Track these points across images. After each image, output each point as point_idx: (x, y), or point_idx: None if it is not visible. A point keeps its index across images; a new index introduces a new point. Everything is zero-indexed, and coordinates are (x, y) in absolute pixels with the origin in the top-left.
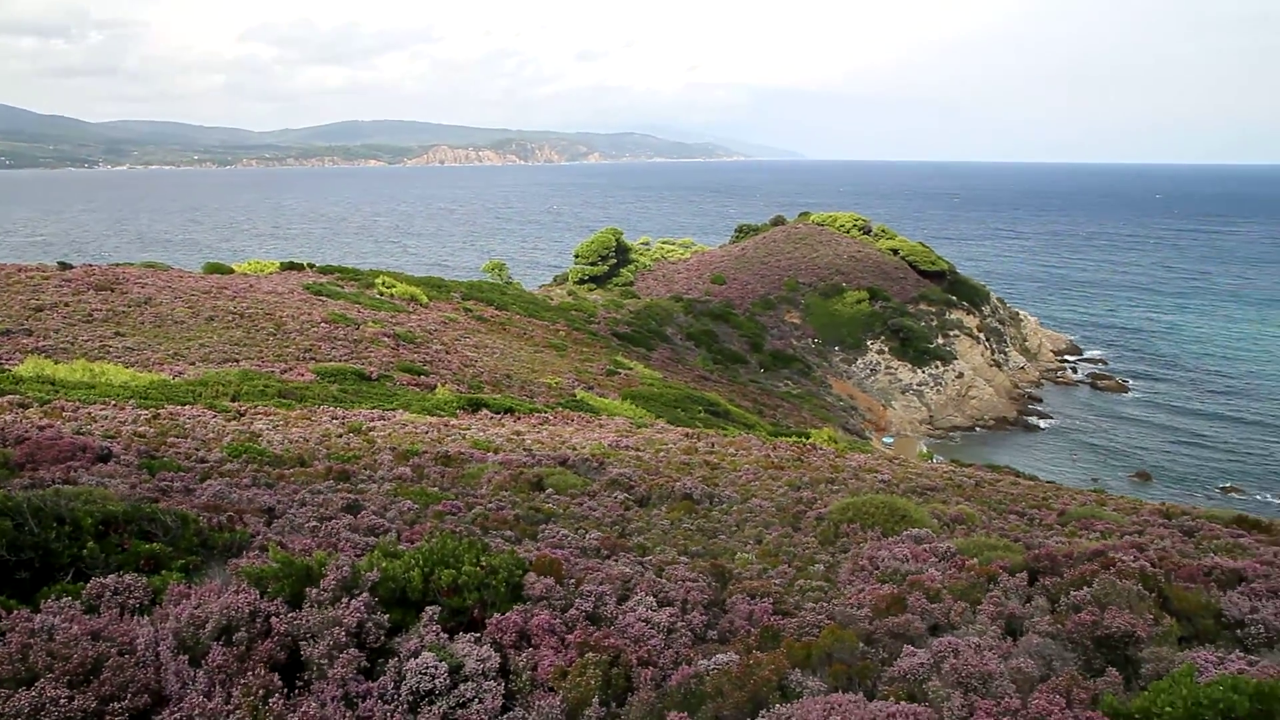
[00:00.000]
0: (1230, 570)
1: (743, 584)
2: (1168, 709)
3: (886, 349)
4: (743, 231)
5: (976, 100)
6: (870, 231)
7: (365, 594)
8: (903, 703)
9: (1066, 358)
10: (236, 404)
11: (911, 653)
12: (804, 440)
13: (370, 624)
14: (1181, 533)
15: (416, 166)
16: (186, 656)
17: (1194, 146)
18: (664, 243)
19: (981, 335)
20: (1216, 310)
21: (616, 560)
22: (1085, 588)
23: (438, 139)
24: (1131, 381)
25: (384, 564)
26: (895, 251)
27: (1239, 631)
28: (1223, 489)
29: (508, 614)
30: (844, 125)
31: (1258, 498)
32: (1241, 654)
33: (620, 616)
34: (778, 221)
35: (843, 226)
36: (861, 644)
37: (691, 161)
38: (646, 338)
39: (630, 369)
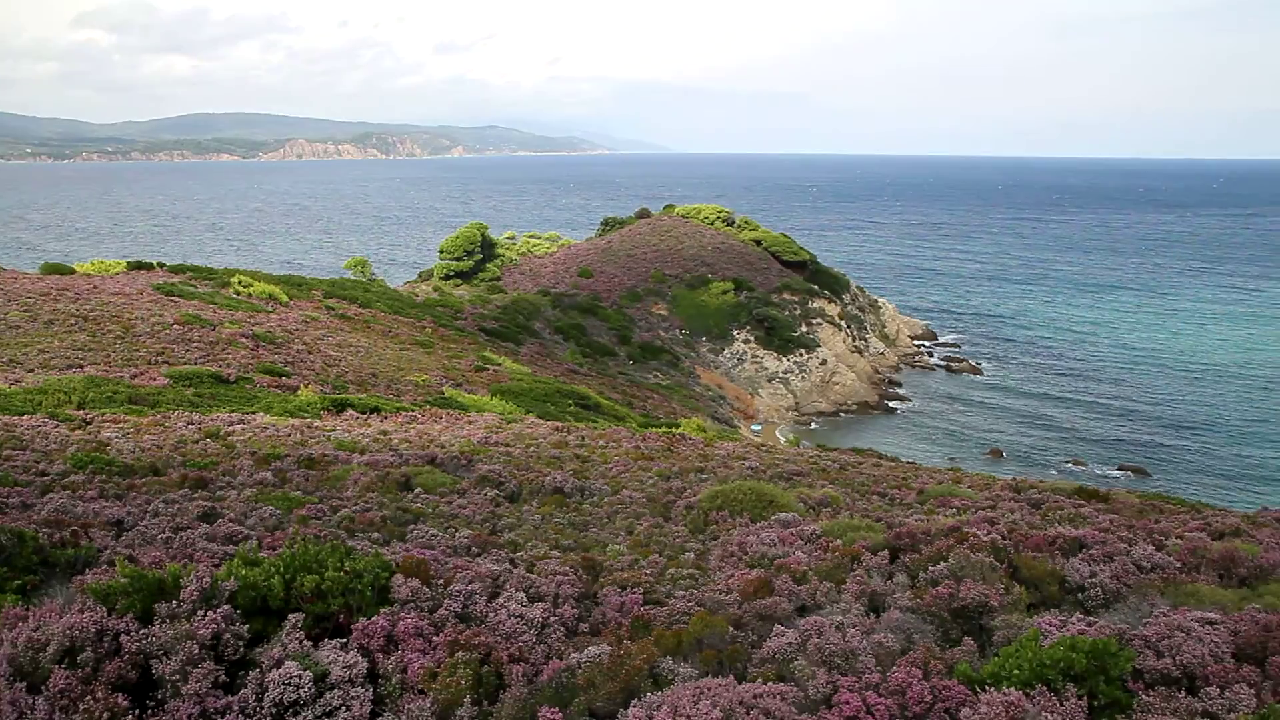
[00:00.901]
0: (1072, 539)
1: (614, 576)
2: (1015, 671)
3: (752, 338)
4: (608, 225)
5: (836, 97)
6: (734, 223)
7: (223, 605)
8: (771, 683)
9: (923, 343)
10: (82, 412)
11: (780, 634)
12: (673, 431)
13: (229, 635)
14: (1030, 505)
15: (272, 161)
16: (24, 684)
17: (1028, 140)
18: (530, 237)
19: (843, 323)
20: (1058, 296)
21: (487, 558)
22: (942, 563)
23: (295, 132)
24: (984, 364)
25: (243, 572)
26: (758, 243)
27: (1080, 595)
28: (1067, 462)
29: (374, 618)
30: (707, 119)
31: (1098, 471)
32: (1082, 615)
33: (491, 614)
34: (643, 214)
35: (707, 219)
36: (731, 628)
37: (556, 155)
38: (515, 332)
39: (499, 364)
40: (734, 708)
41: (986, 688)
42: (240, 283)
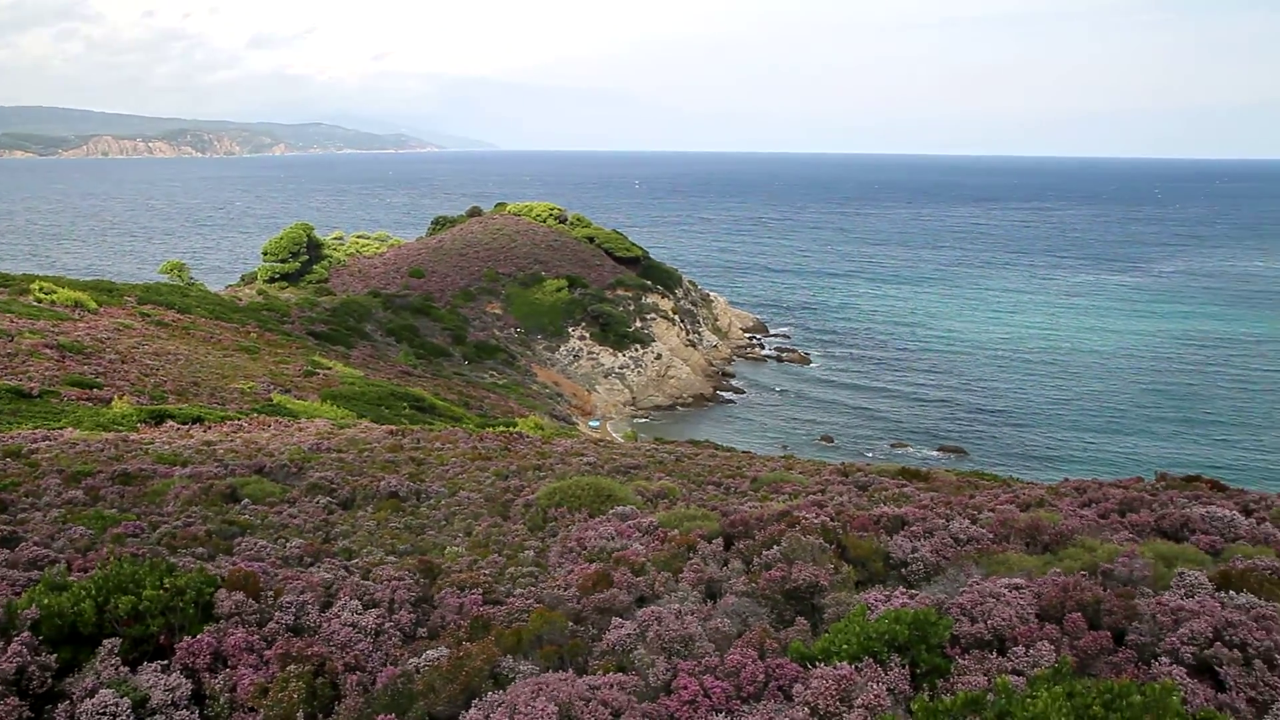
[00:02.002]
0: (895, 517)
1: (452, 577)
2: (844, 646)
3: (588, 335)
4: (440, 224)
5: (666, 95)
6: (566, 220)
7: (25, 634)
8: (611, 674)
9: (755, 335)
10: None
11: (619, 625)
12: (511, 429)
13: (34, 668)
14: (857, 488)
15: (75, 159)
16: None
17: (853, 137)
18: (359, 237)
19: (676, 317)
20: (879, 287)
21: (320, 567)
22: (775, 547)
23: (100, 128)
24: (813, 354)
25: (47, 599)
26: (591, 239)
27: (904, 570)
28: (892, 445)
29: (199, 636)
30: (537, 116)
31: (920, 453)
32: (905, 589)
33: (325, 624)
34: (474, 213)
35: (539, 216)
36: (571, 623)
37: (383, 153)
38: (345, 335)
39: (329, 369)
40: (573, 702)
41: (818, 663)
42: (41, 289)
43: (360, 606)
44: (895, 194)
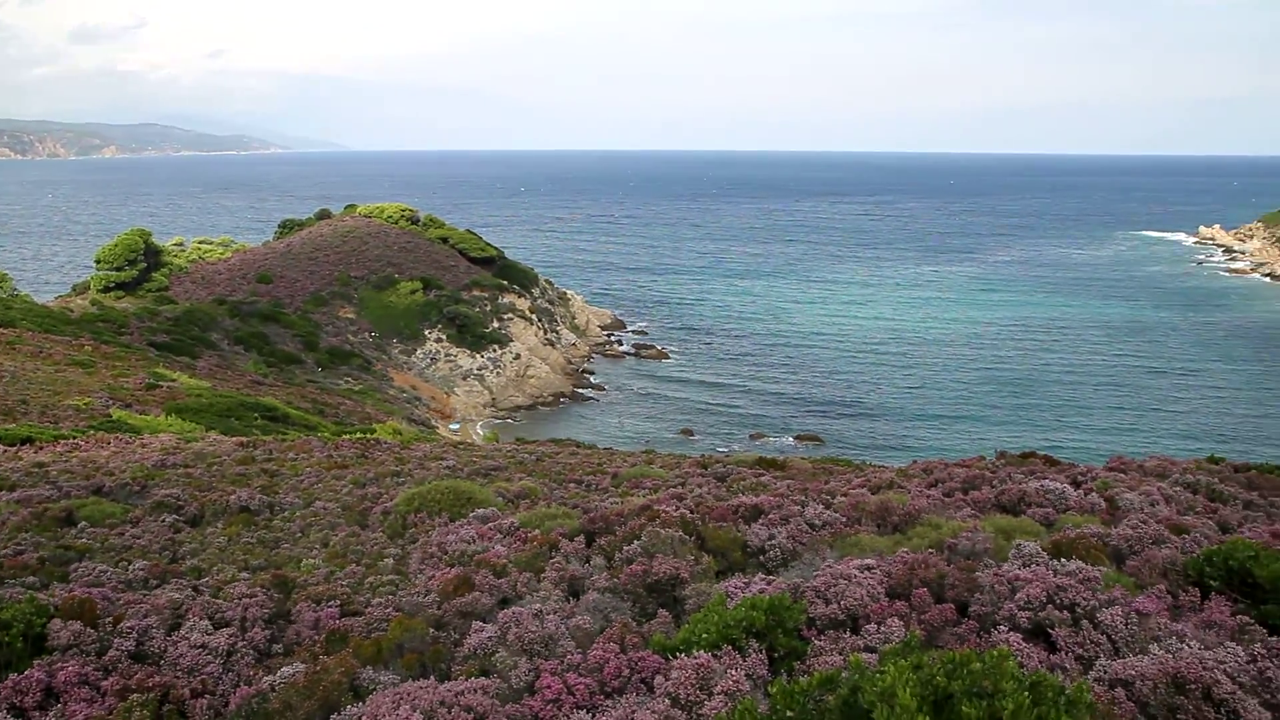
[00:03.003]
0: (752, 506)
1: (308, 591)
2: (704, 635)
3: (444, 337)
4: (287, 227)
5: (520, 92)
6: (419, 222)
7: None
8: (474, 679)
9: (613, 332)
10: None
11: (480, 629)
12: (368, 436)
13: None
14: (716, 479)
15: None
16: None
17: (705, 136)
18: (201, 242)
19: (534, 316)
20: (733, 282)
21: (167, 588)
22: (635, 541)
23: None
24: (671, 349)
25: None
26: (445, 240)
27: (762, 557)
28: (751, 436)
29: (27, 671)
30: (387, 115)
31: (778, 443)
32: (763, 576)
33: (171, 648)
34: (323, 215)
35: (391, 218)
36: (432, 629)
37: (224, 154)
38: (190, 345)
39: (173, 380)
40: (434, 709)
41: (679, 654)
42: None
43: (210, 627)
44: (745, 190)
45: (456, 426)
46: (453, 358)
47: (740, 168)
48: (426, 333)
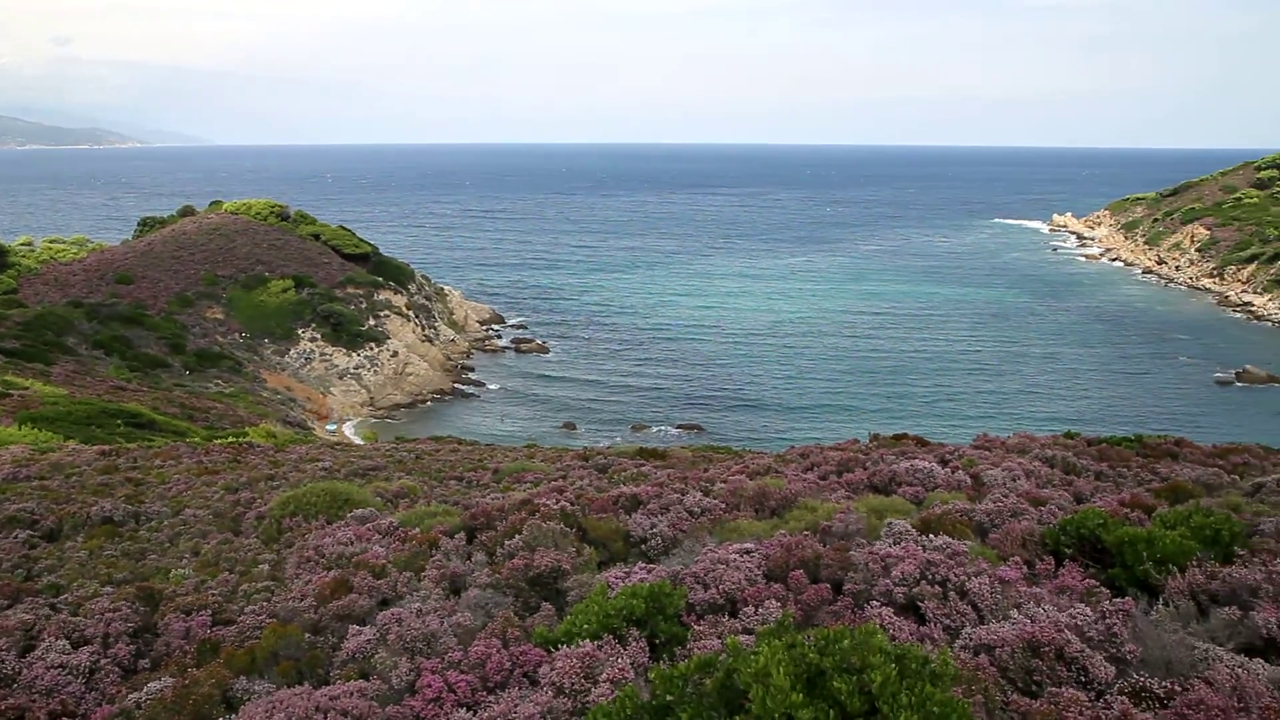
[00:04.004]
0: (633, 496)
1: (176, 602)
2: (586, 626)
3: (319, 336)
4: (147, 225)
5: (395, 85)
6: (289, 218)
7: None
8: (353, 681)
9: (492, 326)
10: None
11: (358, 631)
12: (240, 440)
13: None
14: (597, 470)
15: None
16: None
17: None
18: (51, 242)
19: (411, 313)
20: (611, 276)
21: (20, 608)
22: (517, 536)
23: None
24: (551, 343)
25: None
26: (317, 237)
27: (644, 546)
28: (633, 427)
29: None
30: (255, 108)
31: (660, 432)
32: (645, 564)
33: (25, 670)
34: (186, 212)
35: (259, 214)
36: (309, 635)
37: (76, 149)
38: (43, 351)
39: (25, 388)
40: (310, 715)
41: (561, 646)
42: None
43: (69, 646)
44: (617, 183)
45: (334, 427)
46: (328, 357)
47: (619, 160)
48: (300, 332)
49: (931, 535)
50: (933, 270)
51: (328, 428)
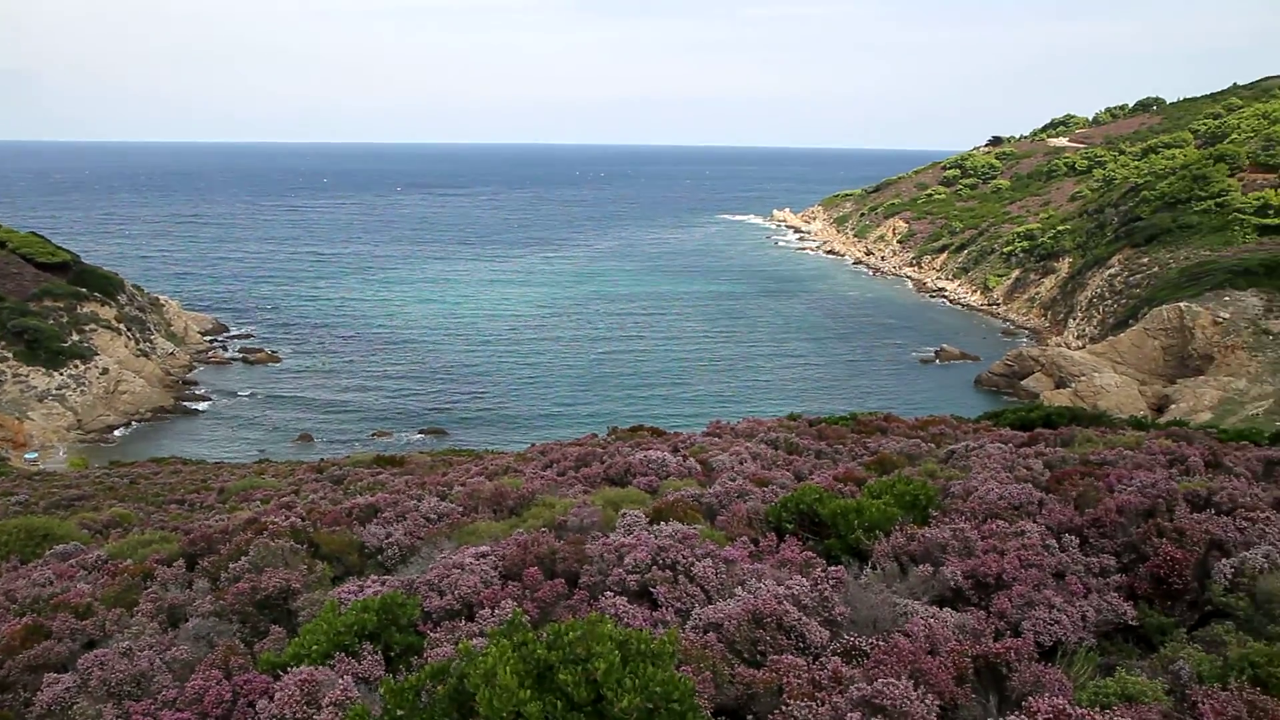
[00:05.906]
0: (368, 506)
1: None
2: (315, 646)
3: (11, 355)
4: None
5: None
6: None
7: None
8: None
9: (215, 337)
10: None
11: (55, 680)
12: None
13: None
14: (332, 482)
15: None
16: None
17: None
18: None
19: (122, 326)
20: (343, 281)
21: None
22: (243, 557)
23: None
24: (282, 352)
25: None
26: (3, 245)
27: (380, 556)
28: (374, 434)
29: None
30: None
31: (402, 440)
32: (380, 576)
33: None
34: None
35: None
36: None
37: None
38: None
39: None
40: None
41: (290, 669)
42: None
43: None
44: (345, 184)
45: (34, 455)
46: (23, 378)
47: (341, 160)
48: None
49: (664, 523)
50: (662, 267)
51: (27, 456)
